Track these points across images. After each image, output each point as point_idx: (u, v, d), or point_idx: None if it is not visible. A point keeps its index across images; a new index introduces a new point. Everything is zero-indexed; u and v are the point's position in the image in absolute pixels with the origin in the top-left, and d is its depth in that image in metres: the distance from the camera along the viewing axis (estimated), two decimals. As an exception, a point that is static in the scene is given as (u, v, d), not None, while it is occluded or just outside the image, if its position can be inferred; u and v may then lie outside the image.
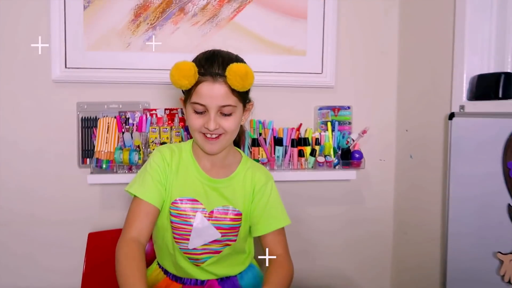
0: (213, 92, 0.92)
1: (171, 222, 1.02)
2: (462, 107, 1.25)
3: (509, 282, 1.08)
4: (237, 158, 1.10)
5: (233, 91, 0.93)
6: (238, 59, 0.98)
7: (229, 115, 0.96)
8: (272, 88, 1.50)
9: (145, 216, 0.97)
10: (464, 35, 1.24)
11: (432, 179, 1.40)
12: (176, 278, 1.07)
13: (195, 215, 1.01)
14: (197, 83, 0.93)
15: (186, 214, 1.01)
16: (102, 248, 1.23)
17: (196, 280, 1.05)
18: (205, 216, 1.02)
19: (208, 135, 0.97)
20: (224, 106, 0.94)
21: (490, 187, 1.14)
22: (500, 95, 1.15)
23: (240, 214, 1.04)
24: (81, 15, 1.40)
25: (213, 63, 0.93)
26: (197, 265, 1.04)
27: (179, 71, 0.91)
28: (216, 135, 0.97)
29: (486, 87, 1.19)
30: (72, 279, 1.44)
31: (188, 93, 0.97)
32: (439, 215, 1.36)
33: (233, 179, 1.06)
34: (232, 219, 1.03)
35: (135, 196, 0.99)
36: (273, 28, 1.49)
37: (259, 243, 1.10)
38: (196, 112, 0.96)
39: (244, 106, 1.02)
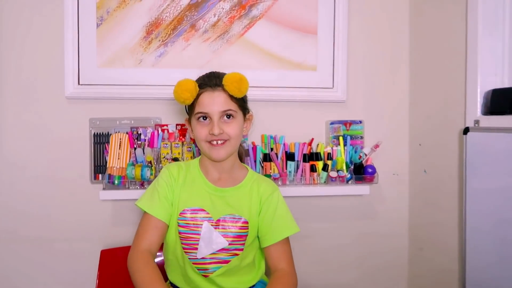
0: (213, 100, 1.03)
1: (179, 233, 1.05)
2: (476, 121, 1.23)
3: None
4: (244, 172, 1.16)
5: (232, 97, 1.04)
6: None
7: (231, 120, 1.05)
8: (283, 103, 1.50)
9: (155, 229, 1.03)
10: (477, 49, 1.23)
11: (448, 194, 1.37)
12: None
13: (202, 224, 1.03)
14: (198, 95, 1.05)
15: (193, 224, 1.04)
16: (114, 264, 1.23)
17: None
18: (212, 225, 1.04)
19: (214, 142, 1.04)
20: (225, 111, 1.04)
21: (507, 201, 1.11)
22: (516, 110, 1.13)
23: (247, 223, 1.06)
24: (94, 32, 1.42)
25: (210, 77, 1.07)
26: (205, 276, 1.04)
27: (181, 86, 1.04)
28: (222, 141, 1.04)
29: (501, 101, 1.17)
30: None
31: (191, 108, 1.07)
32: (456, 231, 1.33)
33: (239, 189, 1.09)
34: (239, 227, 1.06)
35: (145, 211, 1.03)
36: (284, 43, 1.49)
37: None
38: (201, 122, 1.05)
39: (244, 115, 1.10)
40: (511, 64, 1.22)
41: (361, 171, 1.44)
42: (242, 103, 1.08)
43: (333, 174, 1.42)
